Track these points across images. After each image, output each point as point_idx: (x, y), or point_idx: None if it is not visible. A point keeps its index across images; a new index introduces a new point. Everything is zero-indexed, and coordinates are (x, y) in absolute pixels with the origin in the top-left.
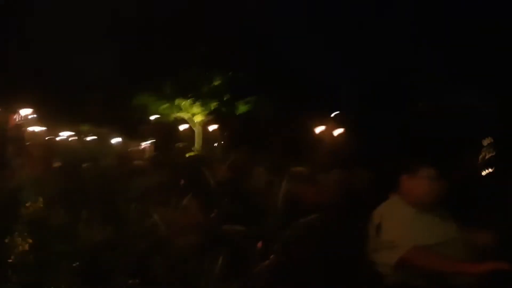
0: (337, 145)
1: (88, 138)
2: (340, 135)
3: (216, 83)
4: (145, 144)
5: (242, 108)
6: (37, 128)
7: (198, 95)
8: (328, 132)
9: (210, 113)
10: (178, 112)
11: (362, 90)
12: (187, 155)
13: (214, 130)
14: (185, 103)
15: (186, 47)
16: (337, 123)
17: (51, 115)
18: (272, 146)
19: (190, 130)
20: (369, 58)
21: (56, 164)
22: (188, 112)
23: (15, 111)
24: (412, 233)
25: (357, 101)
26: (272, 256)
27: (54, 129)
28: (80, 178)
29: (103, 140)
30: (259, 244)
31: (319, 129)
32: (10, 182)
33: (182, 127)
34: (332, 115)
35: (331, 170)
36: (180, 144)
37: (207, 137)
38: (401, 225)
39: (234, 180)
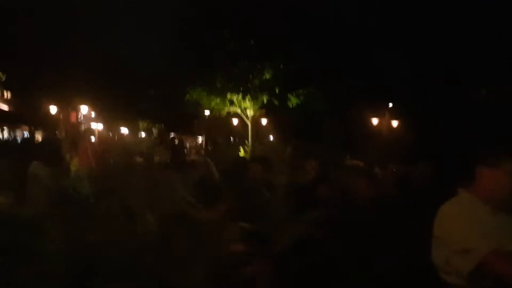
0: (394, 138)
1: (145, 134)
2: (397, 127)
3: (267, 76)
4: (201, 139)
5: (294, 100)
6: (96, 126)
7: (249, 89)
8: (384, 124)
9: (262, 106)
10: (230, 106)
11: (418, 80)
12: (240, 151)
13: (266, 124)
14: (236, 97)
15: (237, 40)
16: (394, 114)
17: (109, 113)
18: (326, 139)
19: (243, 124)
20: (423, 46)
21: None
22: (240, 106)
23: (75, 109)
24: (490, 235)
25: (413, 91)
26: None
27: (112, 126)
28: (132, 172)
29: (160, 136)
30: None
31: (374, 121)
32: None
33: (235, 121)
34: (388, 106)
35: (388, 164)
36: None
37: (260, 131)
38: (477, 225)
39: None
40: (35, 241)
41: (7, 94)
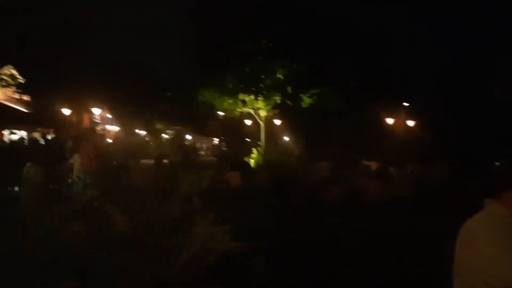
0: (411, 137)
1: (163, 136)
2: (413, 126)
3: (280, 75)
4: (216, 141)
5: (307, 100)
6: (112, 127)
7: (261, 89)
8: (400, 123)
9: (275, 107)
10: (242, 107)
11: (434, 78)
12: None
13: (279, 125)
14: (249, 97)
15: (248, 40)
16: (409, 114)
17: (126, 114)
18: (340, 140)
19: (256, 124)
20: (438, 45)
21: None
22: (252, 107)
23: (89, 111)
24: None
25: (429, 90)
26: None
27: (128, 128)
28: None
29: (176, 137)
30: None
31: (390, 121)
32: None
33: (248, 122)
34: (404, 105)
35: (404, 164)
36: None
37: (273, 132)
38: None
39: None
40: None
41: (26, 97)
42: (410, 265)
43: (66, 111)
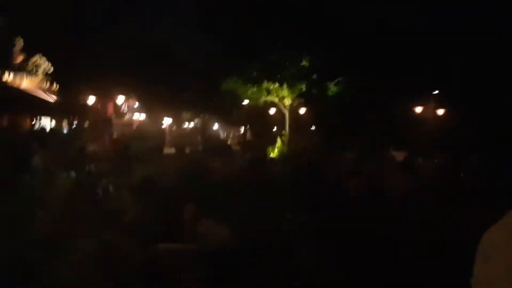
0: (440, 127)
1: (188, 125)
2: (443, 115)
3: (304, 63)
4: (243, 130)
5: (333, 89)
6: (139, 117)
7: (286, 77)
8: (429, 112)
9: (300, 95)
10: (267, 95)
11: (465, 64)
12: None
13: (305, 114)
14: (273, 86)
15: (272, 29)
16: (439, 102)
17: (151, 104)
18: (367, 129)
19: (281, 113)
20: (472, 27)
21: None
22: (277, 96)
23: (114, 100)
24: None
25: (460, 76)
26: None
27: (155, 117)
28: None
29: (204, 126)
30: None
31: (418, 110)
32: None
33: (272, 110)
34: (434, 93)
35: (433, 154)
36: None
37: (297, 121)
38: None
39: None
40: None
41: (54, 86)
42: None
43: (91, 100)
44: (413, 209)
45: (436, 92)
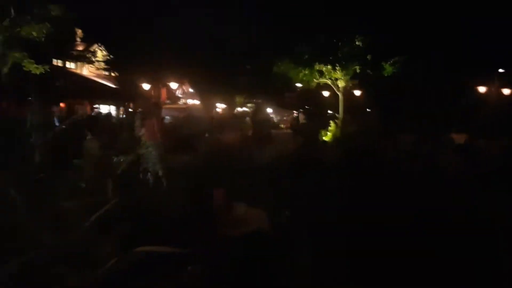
0: (504, 109)
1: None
2: (509, 95)
3: (358, 43)
4: (296, 113)
5: (388, 69)
6: (193, 102)
7: (338, 58)
8: (493, 92)
9: (354, 77)
10: (319, 77)
11: None
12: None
13: (359, 95)
14: (325, 68)
15: (323, 8)
16: (504, 81)
17: (206, 88)
18: (425, 110)
19: (335, 96)
20: None
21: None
22: (330, 78)
23: (167, 86)
24: None
25: None
26: None
27: (208, 102)
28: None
29: (255, 110)
30: None
31: (481, 90)
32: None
33: (326, 93)
34: (498, 72)
35: (497, 136)
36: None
37: (352, 103)
38: None
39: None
40: None
41: (113, 73)
42: None
43: (146, 86)
44: (472, 193)
45: (501, 70)
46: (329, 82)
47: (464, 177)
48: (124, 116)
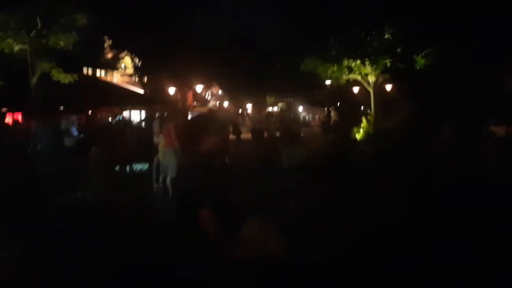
0: None
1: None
2: None
3: (387, 36)
4: (327, 111)
5: (420, 61)
6: (223, 104)
7: (367, 53)
8: None
9: (385, 71)
10: (348, 73)
11: None
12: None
13: (391, 90)
14: (354, 63)
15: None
16: None
17: (236, 90)
18: (463, 102)
19: (366, 92)
20: None
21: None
22: (359, 73)
23: (192, 89)
24: None
25: None
26: None
27: (239, 103)
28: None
29: (289, 109)
30: None
31: None
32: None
33: (356, 89)
34: None
35: None
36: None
37: (384, 98)
38: None
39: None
40: None
41: (143, 79)
42: None
43: (171, 91)
44: None
45: None
46: (359, 77)
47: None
48: (143, 122)
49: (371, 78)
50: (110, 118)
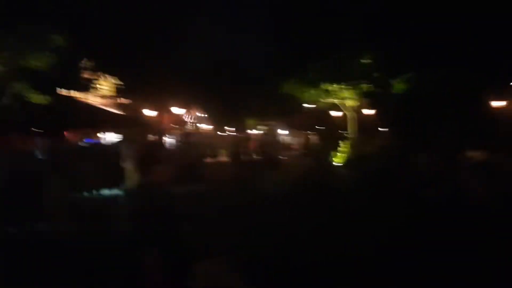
0: None
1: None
2: None
3: (365, 61)
4: (308, 134)
5: (398, 86)
6: (206, 126)
7: (345, 77)
8: (510, 106)
9: (363, 95)
10: (326, 97)
11: None
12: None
13: (369, 114)
14: (332, 87)
15: (328, 28)
16: None
17: (216, 113)
18: (440, 128)
19: (343, 116)
20: None
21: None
22: (337, 97)
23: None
24: None
25: None
26: None
27: (220, 126)
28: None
29: (272, 132)
30: None
31: (496, 104)
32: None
33: (334, 113)
34: None
35: None
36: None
37: (363, 122)
38: None
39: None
40: None
41: (124, 101)
42: None
43: (148, 112)
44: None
45: None
46: (335, 101)
47: (488, 199)
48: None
49: (349, 102)
50: (78, 141)
